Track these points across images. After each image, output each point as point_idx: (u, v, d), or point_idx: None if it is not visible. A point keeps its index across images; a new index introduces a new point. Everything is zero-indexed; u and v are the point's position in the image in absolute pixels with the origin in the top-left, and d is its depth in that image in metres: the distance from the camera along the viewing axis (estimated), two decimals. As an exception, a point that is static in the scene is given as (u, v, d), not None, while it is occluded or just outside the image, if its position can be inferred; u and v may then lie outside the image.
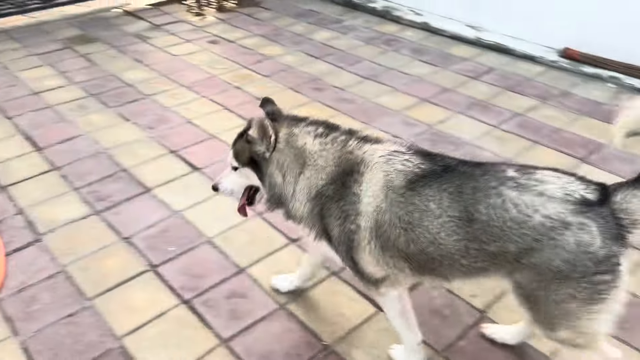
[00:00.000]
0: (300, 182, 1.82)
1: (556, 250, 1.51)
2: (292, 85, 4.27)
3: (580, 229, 1.50)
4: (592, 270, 1.51)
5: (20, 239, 2.69)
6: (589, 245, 1.49)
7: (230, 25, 5.54)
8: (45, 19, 5.68)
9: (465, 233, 1.59)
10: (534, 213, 1.52)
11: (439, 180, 1.65)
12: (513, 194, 1.55)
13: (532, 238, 1.52)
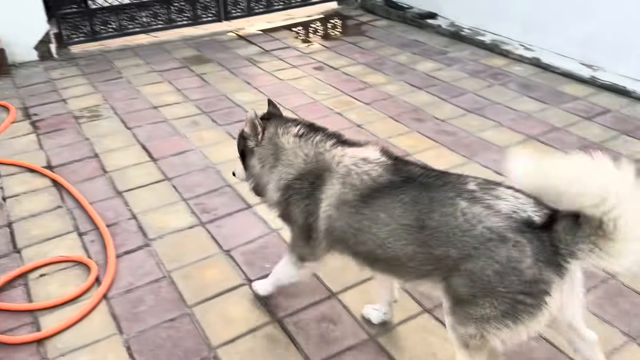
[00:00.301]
0: (274, 173, 2.09)
1: (490, 260, 1.59)
2: (393, 114, 4.28)
3: (514, 246, 1.56)
4: (517, 288, 1.57)
5: (132, 242, 2.89)
6: (518, 263, 1.55)
7: (335, 52, 5.68)
8: (166, 39, 6.14)
9: (414, 239, 1.73)
10: (478, 223, 1.61)
11: (394, 191, 1.80)
12: (465, 204, 1.65)
13: (472, 246, 1.62)
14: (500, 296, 1.60)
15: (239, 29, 6.47)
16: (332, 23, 6.76)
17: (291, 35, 6.26)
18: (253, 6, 6.67)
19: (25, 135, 4.03)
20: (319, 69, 5.24)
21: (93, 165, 3.62)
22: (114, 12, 5.84)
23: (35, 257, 2.79)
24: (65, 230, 2.98)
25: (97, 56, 5.64)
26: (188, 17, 6.28)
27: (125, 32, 5.99)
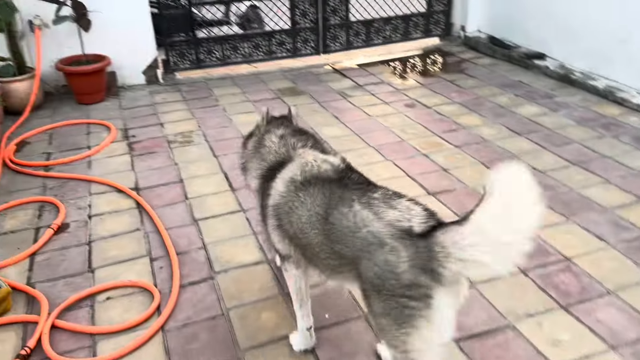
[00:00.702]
0: (254, 163, 2.32)
1: (371, 263, 1.71)
2: (485, 160, 3.99)
3: (391, 251, 1.66)
4: (398, 292, 1.65)
5: (198, 273, 2.88)
6: (394, 267, 1.65)
7: (430, 90, 5.49)
8: (264, 70, 6.30)
9: (322, 230, 1.87)
10: (364, 227, 1.74)
11: (325, 183, 1.94)
12: (358, 207, 1.78)
13: (358, 247, 1.74)
14: (387, 298, 1.69)
15: (336, 62, 6.48)
16: (432, 59, 6.58)
17: (387, 71, 6.16)
18: (352, 40, 6.68)
19: (120, 155, 4.24)
20: (411, 107, 5.07)
21: (176, 190, 3.71)
22: (218, 42, 6.09)
23: (107, 278, 2.86)
24: (139, 254, 3.04)
25: (199, 83, 5.89)
26: (287, 49, 6.41)
27: (228, 62, 6.22)
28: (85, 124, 4.83)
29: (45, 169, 4.03)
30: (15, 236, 3.25)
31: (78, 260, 3.00)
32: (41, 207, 3.55)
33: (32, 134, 4.61)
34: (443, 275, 1.59)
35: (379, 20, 6.73)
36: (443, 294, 1.63)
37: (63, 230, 3.29)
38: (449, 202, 3.45)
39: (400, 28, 6.89)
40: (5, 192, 3.73)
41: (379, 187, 1.92)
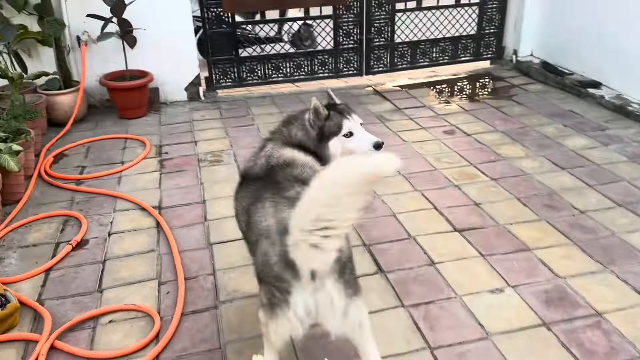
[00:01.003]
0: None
1: (259, 252, 1.91)
2: (522, 195, 3.74)
3: (271, 244, 1.84)
4: (270, 281, 1.84)
5: (203, 301, 2.81)
6: (269, 258, 1.84)
7: (473, 116, 5.26)
8: (305, 89, 6.26)
9: (247, 220, 2.10)
10: (264, 220, 1.93)
11: (264, 177, 2.17)
12: (267, 204, 1.98)
13: (257, 237, 1.96)
14: (264, 285, 1.90)
15: (378, 83, 6.36)
16: (479, 83, 6.34)
17: (430, 94, 5.97)
18: (396, 62, 6.53)
19: (150, 172, 4.27)
20: (450, 134, 4.86)
21: (197, 211, 3.68)
22: (261, 61, 6.11)
23: (114, 299, 2.84)
24: (149, 276, 3.02)
25: (239, 101, 5.91)
26: (329, 69, 6.35)
27: (269, 81, 6.23)
28: (123, 138, 4.93)
29: (76, 182, 4.12)
30: (36, 249, 3.31)
31: (90, 279, 3.01)
32: (66, 221, 3.61)
33: (70, 147, 4.74)
34: (297, 271, 1.73)
35: (425, 42, 6.56)
36: (301, 292, 1.78)
37: (82, 246, 3.32)
38: (476, 241, 3.23)
39: (448, 50, 6.68)
40: (36, 204, 3.82)
41: (298, 186, 2.02)
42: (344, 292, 1.83)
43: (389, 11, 6.24)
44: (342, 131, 2.44)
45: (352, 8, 6.10)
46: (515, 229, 3.34)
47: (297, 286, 1.77)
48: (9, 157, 3.57)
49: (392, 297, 2.78)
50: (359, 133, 2.47)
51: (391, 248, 3.18)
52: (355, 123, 2.46)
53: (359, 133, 2.47)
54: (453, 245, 3.20)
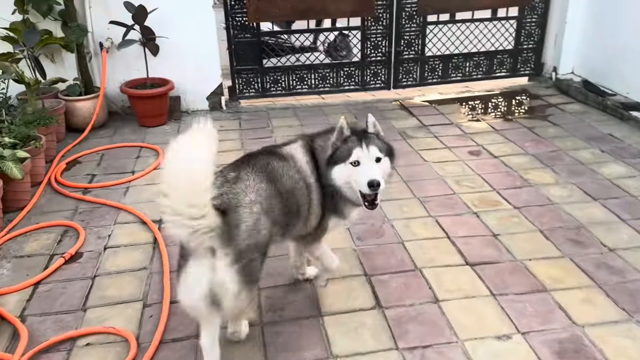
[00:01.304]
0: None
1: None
2: (545, 227, 3.43)
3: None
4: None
5: (185, 328, 2.64)
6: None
7: (502, 136, 4.94)
8: (329, 102, 6.08)
9: None
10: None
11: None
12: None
13: None
14: None
15: (406, 98, 6.12)
16: (514, 101, 6.00)
17: (459, 111, 5.69)
18: (427, 76, 6.27)
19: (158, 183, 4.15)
20: (475, 155, 4.57)
21: (198, 227, 3.53)
22: (285, 71, 5.97)
23: (96, 320, 2.72)
24: (135, 296, 2.88)
25: (261, 112, 5.79)
26: (356, 82, 6.15)
27: (293, 92, 6.08)
28: (138, 147, 4.87)
29: (83, 191, 4.06)
30: (30, 260, 3.24)
31: (76, 296, 2.90)
32: (65, 231, 3.54)
33: (84, 154, 4.71)
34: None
35: (458, 56, 6.28)
36: (192, 262, 2.03)
37: (75, 259, 3.23)
38: (488, 277, 2.95)
39: (482, 65, 6.37)
40: (40, 213, 3.77)
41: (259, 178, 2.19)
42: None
43: (420, 23, 6.00)
44: (350, 158, 2.32)
45: (381, 19, 5.89)
46: (534, 266, 3.04)
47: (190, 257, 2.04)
48: (13, 164, 3.53)
49: (386, 337, 2.54)
50: (365, 164, 2.31)
51: (393, 280, 2.95)
52: (368, 154, 2.31)
53: (365, 164, 2.31)
54: (462, 280, 2.93)
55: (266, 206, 2.12)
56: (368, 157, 2.31)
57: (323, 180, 2.43)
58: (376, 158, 2.33)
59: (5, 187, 3.61)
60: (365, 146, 2.32)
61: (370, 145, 2.33)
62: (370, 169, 2.29)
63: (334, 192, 2.44)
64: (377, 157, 2.33)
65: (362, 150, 2.31)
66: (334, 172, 2.37)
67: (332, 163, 2.38)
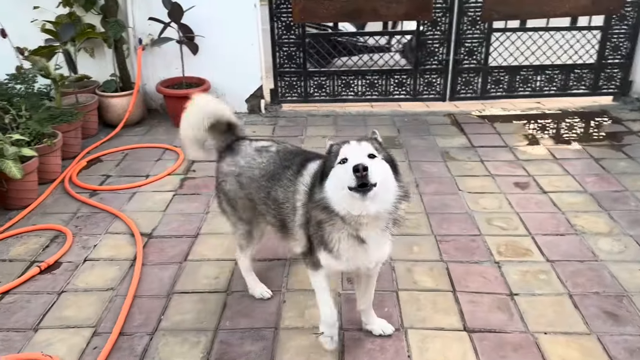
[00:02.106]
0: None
1: None
2: (577, 291, 2.82)
3: None
4: None
5: (124, 367, 2.41)
6: None
7: (560, 167, 4.26)
8: (376, 111, 5.65)
9: None
10: None
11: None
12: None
13: None
14: None
15: (462, 112, 5.54)
16: (589, 124, 5.20)
17: (520, 131, 5.02)
18: (489, 88, 5.63)
19: (165, 191, 4.00)
20: (521, 187, 3.95)
21: (183, 247, 3.30)
22: (330, 76, 5.60)
23: (41, 344, 2.55)
24: (89, 322, 2.68)
25: (300, 118, 5.47)
26: (407, 91, 5.65)
27: (337, 99, 5.71)
28: (162, 149, 4.74)
29: (90, 193, 3.97)
30: (10, 266, 3.16)
31: (34, 313, 2.76)
32: (55, 237, 3.44)
33: (108, 153, 4.65)
34: None
35: (528, 68, 5.57)
36: None
37: (52, 269, 3.11)
38: (485, 351, 2.44)
39: (556, 80, 5.62)
40: (42, 213, 3.72)
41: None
42: None
43: (485, 30, 5.37)
44: (338, 157, 1.98)
45: (438, 24, 5.34)
46: (548, 342, 2.47)
47: None
48: (12, 163, 3.48)
49: (335, 416, 2.14)
50: (354, 158, 1.92)
51: (369, 340, 2.51)
52: (358, 149, 1.98)
53: (354, 158, 1.92)
54: (452, 352, 2.44)
55: (244, 180, 2.52)
56: (358, 150, 1.97)
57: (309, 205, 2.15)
58: (369, 154, 1.96)
59: (7, 186, 3.59)
60: (356, 142, 2.02)
61: (362, 141, 2.03)
62: (359, 158, 1.92)
63: (319, 220, 2.09)
64: (369, 154, 1.97)
65: (350, 146, 2.01)
66: (326, 184, 2.02)
67: (323, 177, 2.05)
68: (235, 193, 2.58)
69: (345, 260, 2.13)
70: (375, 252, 2.13)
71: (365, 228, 2.03)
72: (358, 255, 2.12)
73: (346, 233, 2.06)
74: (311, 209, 2.10)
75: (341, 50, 5.71)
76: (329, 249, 2.14)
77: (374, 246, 2.09)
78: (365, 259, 2.13)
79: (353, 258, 2.12)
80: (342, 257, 2.13)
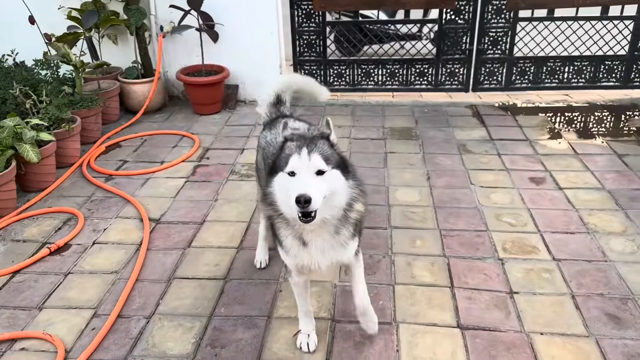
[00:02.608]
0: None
1: None
2: (581, 292, 2.73)
3: None
4: None
5: (117, 350, 2.47)
6: None
7: (581, 162, 4.12)
8: (397, 101, 5.58)
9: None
10: None
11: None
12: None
13: None
14: None
15: (485, 103, 5.42)
16: (618, 118, 5.01)
17: (543, 124, 4.87)
18: (514, 79, 5.48)
19: (177, 178, 4.06)
20: (536, 182, 3.85)
21: (188, 233, 3.35)
22: (350, 65, 5.56)
23: (44, 322, 2.65)
24: (90, 304, 2.77)
25: (317, 107, 5.46)
26: (428, 81, 5.55)
27: (357, 88, 5.65)
28: (179, 135, 4.81)
29: (106, 178, 4.07)
30: (23, 246, 3.28)
31: (40, 293, 2.86)
32: (69, 219, 3.56)
33: (127, 138, 4.75)
34: None
35: (555, 59, 5.39)
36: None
37: (61, 251, 3.22)
38: (476, 349, 2.40)
39: (585, 71, 5.42)
40: (58, 196, 3.85)
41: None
42: None
43: (510, 19, 5.21)
44: (287, 167, 1.93)
45: (462, 12, 5.22)
46: (542, 343, 2.42)
47: None
48: (30, 147, 3.60)
49: (316, 407, 2.15)
50: (301, 176, 1.89)
51: (358, 333, 2.49)
52: (307, 164, 1.90)
53: (301, 176, 1.89)
54: (441, 349, 2.41)
55: (266, 154, 2.55)
56: (306, 167, 1.90)
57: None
58: (317, 170, 1.90)
59: (25, 169, 3.72)
60: (305, 154, 1.91)
61: (312, 153, 1.91)
62: (305, 182, 1.86)
63: (268, 215, 2.11)
64: (318, 170, 1.90)
65: (299, 158, 1.91)
66: (275, 181, 1.99)
67: (272, 171, 2.02)
68: (260, 164, 2.68)
69: (293, 257, 2.12)
70: (320, 256, 2.08)
71: (309, 233, 2.02)
72: (303, 255, 2.10)
73: (291, 232, 2.06)
74: (260, 202, 2.09)
75: (372, 38, 5.67)
76: (280, 242, 2.15)
77: (318, 250, 2.05)
78: (309, 260, 2.09)
79: (299, 257, 2.11)
80: (290, 254, 2.12)
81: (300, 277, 2.26)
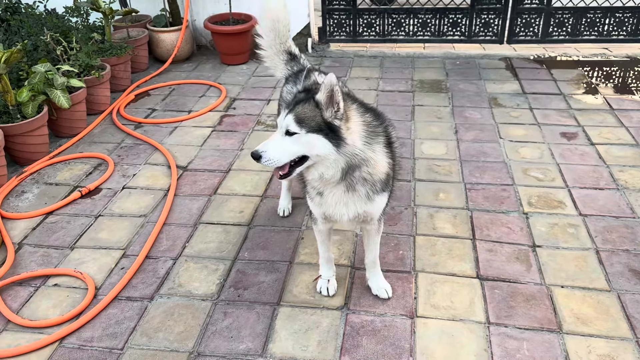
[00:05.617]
0: (377, 146, 2.02)
1: None
2: (606, 247, 2.70)
3: None
4: None
5: (145, 289, 2.58)
6: None
7: (615, 118, 3.99)
8: (428, 52, 5.44)
9: None
10: None
11: None
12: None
13: None
14: None
15: (520, 55, 5.24)
16: (654, 73, 4.79)
17: (580, 78, 4.70)
18: (551, 31, 5.26)
19: (204, 127, 4.10)
20: (568, 138, 3.75)
21: (213, 181, 3.41)
22: (381, 14, 5.41)
23: (75, 261, 2.77)
24: (120, 245, 2.88)
25: (346, 59, 5.37)
26: (461, 32, 5.38)
27: (387, 39, 5.53)
28: (206, 85, 4.82)
29: (135, 126, 4.14)
30: (56, 189, 3.40)
31: (72, 234, 2.98)
32: (99, 164, 3.65)
33: (156, 87, 4.79)
34: None
35: (595, 10, 5.14)
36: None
37: (92, 194, 3.32)
38: (494, 300, 2.41)
39: (627, 23, 5.17)
40: (89, 142, 3.94)
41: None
42: None
43: (550, -34, 4.96)
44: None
45: (499, -41, 4.98)
46: (563, 296, 2.41)
47: None
48: (61, 93, 3.67)
49: (332, 349, 2.21)
50: (275, 133, 1.98)
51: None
52: (281, 122, 1.93)
53: (275, 133, 1.98)
54: (459, 297, 2.43)
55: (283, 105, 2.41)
56: (280, 125, 1.94)
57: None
58: (286, 131, 1.90)
59: (57, 115, 3.80)
60: (284, 114, 1.93)
61: (290, 113, 1.91)
62: (269, 140, 1.95)
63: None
64: (287, 130, 1.90)
65: (282, 117, 1.94)
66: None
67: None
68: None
69: (318, 205, 2.15)
70: (339, 208, 2.10)
71: (321, 186, 2.06)
72: (322, 204, 2.13)
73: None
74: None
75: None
76: (307, 191, 2.21)
77: (333, 202, 2.08)
78: (331, 210, 2.12)
79: (322, 206, 2.14)
80: (315, 201, 2.16)
81: (325, 224, 2.28)
